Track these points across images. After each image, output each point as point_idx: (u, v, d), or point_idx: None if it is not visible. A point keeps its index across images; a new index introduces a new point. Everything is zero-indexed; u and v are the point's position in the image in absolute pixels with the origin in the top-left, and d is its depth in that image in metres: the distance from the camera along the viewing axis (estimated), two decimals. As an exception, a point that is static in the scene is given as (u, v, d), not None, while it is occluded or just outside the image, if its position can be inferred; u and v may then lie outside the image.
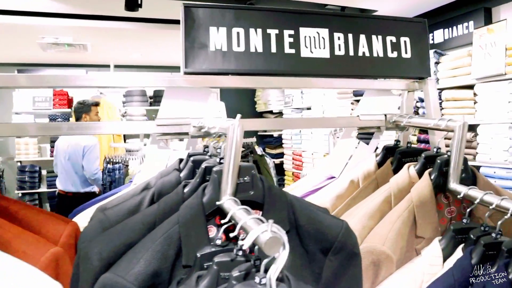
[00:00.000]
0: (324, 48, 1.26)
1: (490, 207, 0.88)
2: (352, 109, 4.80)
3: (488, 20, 3.50)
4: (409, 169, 1.11)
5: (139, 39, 4.97)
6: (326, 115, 5.40)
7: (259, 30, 1.20)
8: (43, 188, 5.90)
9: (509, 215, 0.84)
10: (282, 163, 6.64)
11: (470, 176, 1.08)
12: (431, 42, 4.22)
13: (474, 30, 3.24)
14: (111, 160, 3.87)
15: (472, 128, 3.32)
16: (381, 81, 1.39)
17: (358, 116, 1.36)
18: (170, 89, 1.16)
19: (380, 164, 1.26)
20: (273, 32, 1.21)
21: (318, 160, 5.62)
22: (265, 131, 7.16)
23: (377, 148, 1.40)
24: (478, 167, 3.27)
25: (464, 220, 0.94)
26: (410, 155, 1.22)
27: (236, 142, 0.78)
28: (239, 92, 7.35)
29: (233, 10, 1.19)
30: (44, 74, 1.31)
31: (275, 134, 6.78)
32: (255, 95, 7.35)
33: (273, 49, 1.21)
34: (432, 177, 1.03)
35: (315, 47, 1.25)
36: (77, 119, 4.23)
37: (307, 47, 1.24)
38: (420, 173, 1.08)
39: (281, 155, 6.73)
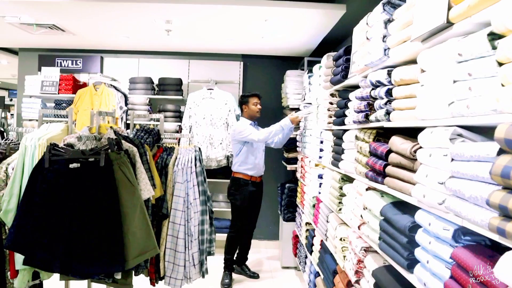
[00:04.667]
0: None
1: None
2: (330, 103, 3.40)
3: None
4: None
5: None
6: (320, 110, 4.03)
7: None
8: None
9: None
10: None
11: None
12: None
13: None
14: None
15: (417, 134, 1.78)
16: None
17: None
18: None
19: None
20: None
21: (313, 169, 4.28)
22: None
23: None
24: (416, 210, 1.73)
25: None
26: None
27: None
28: (271, 85, 6.27)
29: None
30: None
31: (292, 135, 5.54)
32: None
33: None
34: None
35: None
36: (241, 111, 4.87)
37: None
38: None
39: (295, 160, 5.48)
